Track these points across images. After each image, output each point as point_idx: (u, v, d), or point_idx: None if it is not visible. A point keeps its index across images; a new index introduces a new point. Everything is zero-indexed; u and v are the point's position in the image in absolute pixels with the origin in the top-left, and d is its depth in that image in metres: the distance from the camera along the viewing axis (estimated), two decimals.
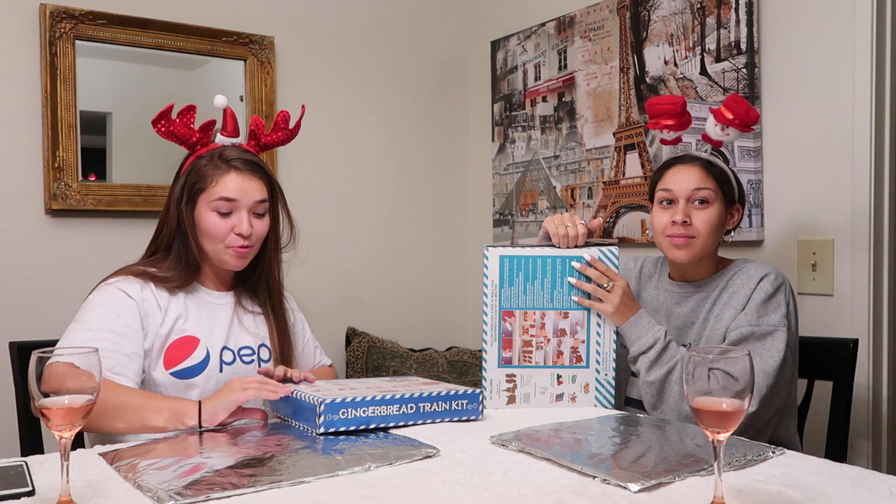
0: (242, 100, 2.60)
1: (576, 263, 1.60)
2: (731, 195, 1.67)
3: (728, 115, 1.65)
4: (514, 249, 1.60)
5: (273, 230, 1.60)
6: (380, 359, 2.70)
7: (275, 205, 1.59)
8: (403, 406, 1.39)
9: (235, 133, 1.58)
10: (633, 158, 2.45)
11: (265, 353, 1.61)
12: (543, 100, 2.78)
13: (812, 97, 1.98)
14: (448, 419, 1.43)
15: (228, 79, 2.60)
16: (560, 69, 2.71)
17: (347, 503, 0.99)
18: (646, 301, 1.79)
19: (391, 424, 1.37)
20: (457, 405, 1.44)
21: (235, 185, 1.50)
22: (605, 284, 1.58)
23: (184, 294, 1.54)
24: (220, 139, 1.57)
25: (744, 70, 2.09)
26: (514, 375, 1.60)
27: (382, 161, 2.94)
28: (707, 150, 1.72)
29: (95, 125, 2.38)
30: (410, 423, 1.39)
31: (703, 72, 2.20)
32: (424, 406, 1.40)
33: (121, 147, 2.41)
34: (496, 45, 2.99)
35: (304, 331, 1.75)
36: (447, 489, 1.05)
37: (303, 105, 1.74)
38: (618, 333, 1.61)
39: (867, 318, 1.88)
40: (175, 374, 1.49)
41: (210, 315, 1.56)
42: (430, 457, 1.20)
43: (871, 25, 1.85)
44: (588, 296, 1.59)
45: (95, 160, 2.37)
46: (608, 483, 1.06)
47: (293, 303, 1.75)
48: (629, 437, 1.32)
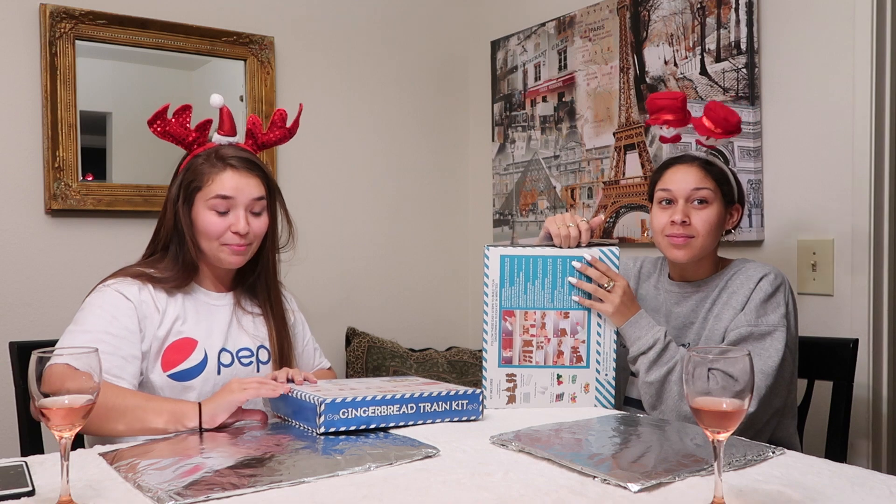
0: (242, 100, 2.60)
1: (576, 263, 1.60)
2: (731, 195, 1.67)
3: (709, 125, 1.66)
4: (515, 249, 1.60)
5: (271, 229, 1.59)
6: (380, 359, 2.70)
7: (272, 204, 1.58)
8: (404, 406, 1.38)
9: (232, 132, 1.58)
10: (633, 158, 2.45)
11: (264, 355, 1.61)
12: (543, 100, 2.78)
13: (812, 97, 1.98)
14: (448, 419, 1.43)
15: (228, 79, 2.60)
16: (560, 69, 2.71)
17: (347, 503, 1.00)
18: (645, 301, 1.79)
19: (391, 424, 1.37)
20: (457, 405, 1.43)
21: (232, 183, 1.50)
22: (606, 284, 1.58)
23: (182, 295, 1.53)
24: (217, 138, 1.57)
25: (744, 70, 2.09)
26: (515, 375, 1.60)
27: (382, 161, 2.94)
28: (706, 151, 1.72)
29: (95, 125, 2.38)
30: (410, 424, 1.39)
31: (703, 72, 2.20)
32: (424, 406, 1.40)
33: (121, 147, 2.41)
34: (496, 45, 2.99)
35: (304, 332, 1.75)
36: (447, 489, 1.05)
37: (300, 104, 1.73)
38: (618, 333, 1.61)
39: (867, 318, 1.88)
40: (172, 377, 1.48)
41: (209, 316, 1.55)
42: (430, 457, 1.20)
43: (871, 25, 1.86)
44: (589, 296, 1.59)
45: (95, 160, 2.37)
46: (608, 483, 1.06)
47: (293, 303, 1.74)
48: (629, 437, 1.32)
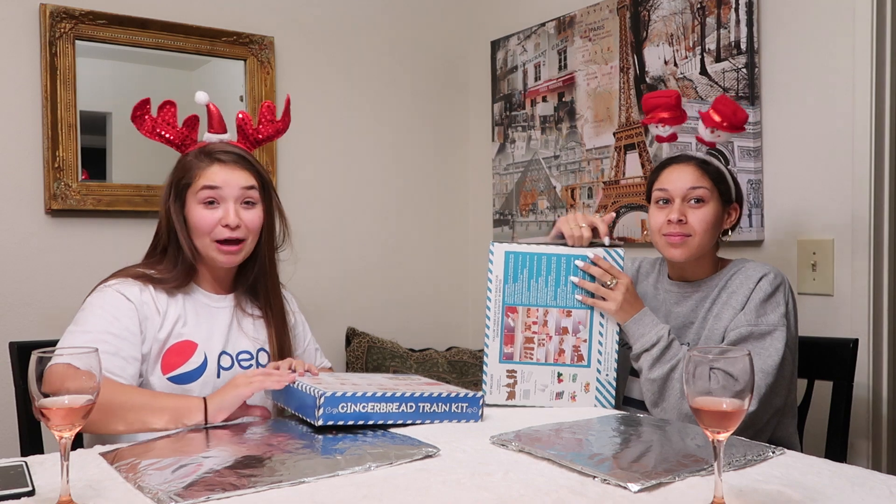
0: (242, 100, 2.60)
1: (579, 262, 1.60)
2: (728, 194, 1.67)
3: (716, 118, 1.66)
4: (520, 246, 1.61)
5: (267, 226, 1.57)
6: (380, 359, 2.70)
7: (267, 199, 1.56)
8: (403, 405, 1.38)
9: (221, 129, 1.57)
10: (633, 158, 2.45)
11: (263, 358, 1.60)
12: (543, 100, 2.78)
13: (812, 97, 1.98)
14: (447, 421, 1.42)
15: (228, 79, 2.60)
16: (560, 69, 2.71)
17: (347, 503, 1.00)
18: (644, 301, 1.79)
19: (389, 422, 1.37)
20: (457, 408, 1.43)
21: (219, 175, 1.49)
22: (609, 282, 1.58)
23: (182, 296, 1.53)
24: (208, 137, 1.57)
25: (744, 70, 2.09)
26: (515, 371, 1.60)
27: (382, 161, 2.94)
28: (704, 150, 1.72)
29: (95, 125, 2.38)
30: (409, 423, 1.39)
31: (703, 72, 2.20)
32: (424, 406, 1.40)
33: (121, 147, 2.41)
34: (496, 45, 2.99)
35: (305, 333, 1.75)
36: (447, 489, 1.05)
37: (287, 95, 1.72)
38: (620, 333, 1.61)
39: (867, 318, 1.88)
40: (172, 380, 1.48)
41: (209, 319, 1.55)
42: (430, 456, 1.20)
43: (871, 25, 1.85)
44: (592, 294, 1.60)
45: (95, 160, 2.37)
46: (608, 483, 1.06)
47: (294, 304, 1.73)
48: (629, 437, 1.32)
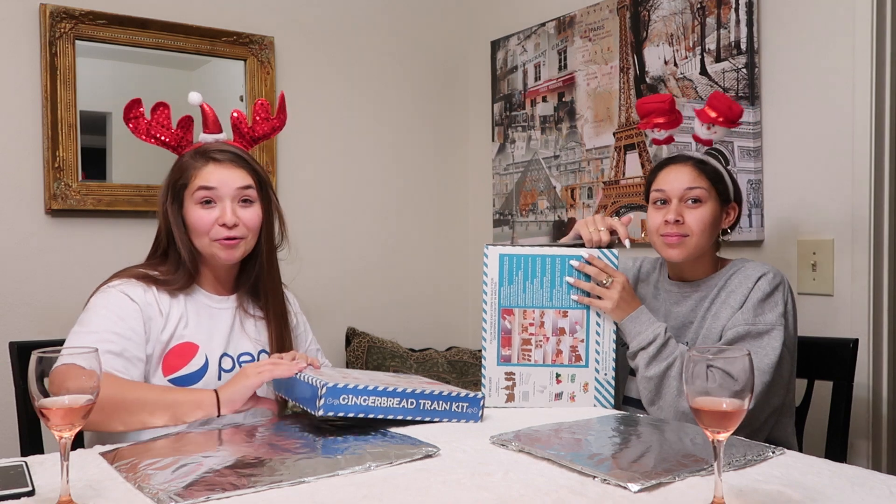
0: (242, 100, 2.60)
1: (574, 262, 1.60)
2: (726, 194, 1.67)
3: (711, 114, 1.67)
4: (514, 248, 1.61)
5: (266, 225, 1.57)
6: (380, 359, 2.70)
7: (265, 197, 1.56)
8: (404, 400, 1.39)
9: (217, 129, 1.57)
10: (633, 158, 2.45)
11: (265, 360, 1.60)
12: (543, 100, 2.78)
13: (812, 97, 1.98)
14: (447, 419, 1.43)
15: (228, 79, 2.60)
16: (560, 69, 2.71)
17: (347, 503, 1.00)
18: (643, 301, 1.79)
19: (390, 417, 1.37)
20: (457, 407, 1.44)
21: (214, 175, 1.49)
22: (605, 281, 1.58)
23: (184, 297, 1.53)
24: (203, 137, 1.56)
25: (744, 70, 2.09)
26: (514, 373, 1.60)
27: (382, 161, 2.94)
28: (703, 150, 1.72)
29: (95, 125, 2.38)
30: (409, 419, 1.39)
31: (703, 72, 2.20)
32: (425, 403, 1.41)
33: (121, 147, 2.41)
34: (496, 45, 2.99)
35: (307, 334, 1.74)
36: (447, 489, 1.05)
37: (281, 92, 1.72)
38: (617, 332, 1.61)
39: (867, 318, 1.88)
40: (173, 382, 1.48)
41: (210, 320, 1.54)
42: (431, 456, 1.20)
43: (871, 25, 1.85)
44: (588, 294, 1.60)
45: (95, 160, 2.37)
46: (608, 483, 1.06)
47: (296, 305, 1.73)
48: (629, 437, 1.32)
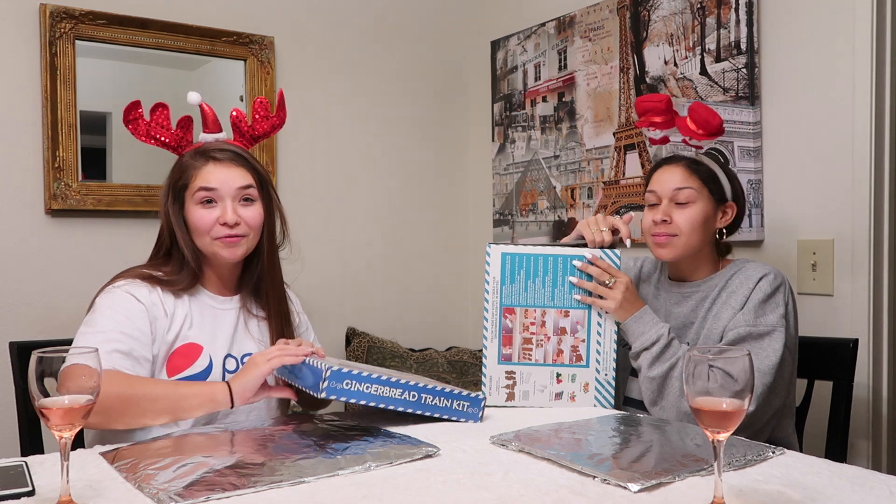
0: (242, 100, 2.60)
1: (577, 262, 1.60)
2: (720, 193, 1.67)
3: (692, 127, 1.69)
4: (517, 247, 1.62)
5: (268, 224, 1.56)
6: (380, 359, 2.70)
7: (266, 195, 1.56)
8: (406, 392, 1.39)
9: (216, 129, 1.57)
10: (633, 158, 2.45)
11: None
12: (543, 100, 2.78)
13: (812, 97, 1.98)
14: (447, 417, 1.43)
15: (228, 79, 2.60)
16: (560, 69, 2.71)
17: (347, 503, 1.00)
18: (645, 301, 1.79)
19: (390, 407, 1.38)
20: (458, 405, 1.44)
21: (214, 175, 1.49)
22: (607, 281, 1.58)
23: (188, 297, 1.52)
24: (203, 137, 1.56)
25: (744, 70, 2.09)
26: (514, 372, 1.61)
27: (382, 161, 2.94)
28: (704, 149, 1.72)
29: (95, 125, 2.38)
30: (409, 412, 1.40)
31: (703, 72, 2.20)
32: (426, 398, 1.41)
33: (121, 147, 2.41)
34: (496, 45, 2.99)
35: (308, 333, 1.74)
36: (447, 489, 1.05)
37: (280, 89, 1.72)
38: (618, 333, 1.61)
39: (867, 318, 1.88)
40: None
41: (213, 321, 1.54)
42: (431, 456, 1.20)
43: (871, 25, 1.85)
44: (591, 294, 1.60)
45: (95, 160, 2.37)
46: (608, 483, 1.06)
47: (297, 304, 1.73)
48: (629, 437, 1.32)
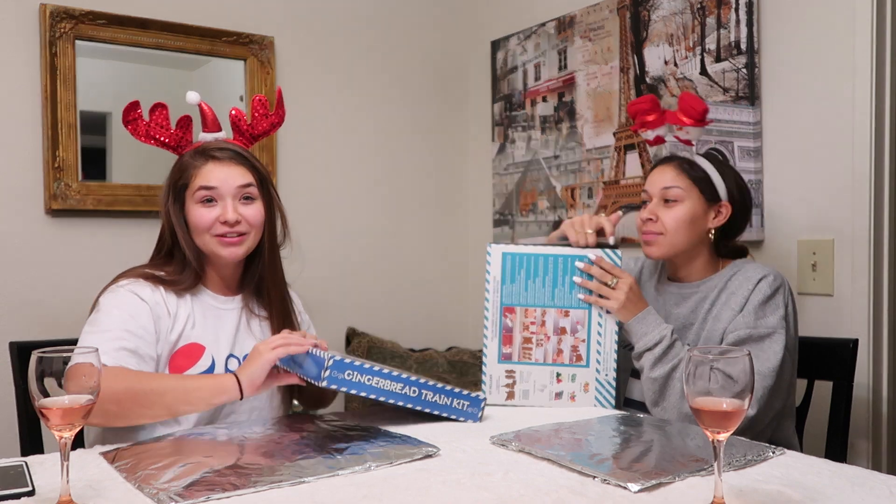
0: (242, 100, 2.60)
1: (580, 263, 1.61)
2: (712, 193, 1.67)
3: (679, 115, 1.71)
4: (517, 247, 1.62)
5: (269, 222, 1.56)
6: (380, 359, 2.70)
7: (266, 194, 1.55)
8: (407, 387, 1.40)
9: (216, 128, 1.57)
10: (633, 158, 2.45)
11: None
12: (543, 100, 2.78)
13: (812, 98, 1.98)
14: (446, 414, 1.44)
15: (228, 79, 2.60)
16: (560, 69, 2.71)
17: (347, 503, 1.00)
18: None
19: (390, 401, 1.38)
20: (458, 404, 1.44)
21: (214, 174, 1.49)
22: (610, 282, 1.58)
23: (190, 297, 1.52)
24: (203, 136, 1.56)
25: (744, 70, 2.09)
26: (514, 371, 1.61)
27: (382, 161, 2.93)
28: (703, 150, 1.73)
29: (95, 125, 2.38)
30: (409, 407, 1.40)
31: (704, 72, 2.20)
32: (427, 394, 1.41)
33: (121, 147, 2.41)
34: (496, 45, 2.99)
35: (310, 333, 1.74)
36: (447, 489, 1.05)
37: (278, 87, 1.72)
38: (619, 333, 1.61)
39: (867, 318, 1.88)
40: None
41: (216, 321, 1.54)
42: (431, 456, 1.20)
43: (871, 25, 1.85)
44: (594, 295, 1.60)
45: (95, 160, 2.37)
46: (608, 483, 1.06)
47: (299, 304, 1.73)
48: (629, 438, 1.32)
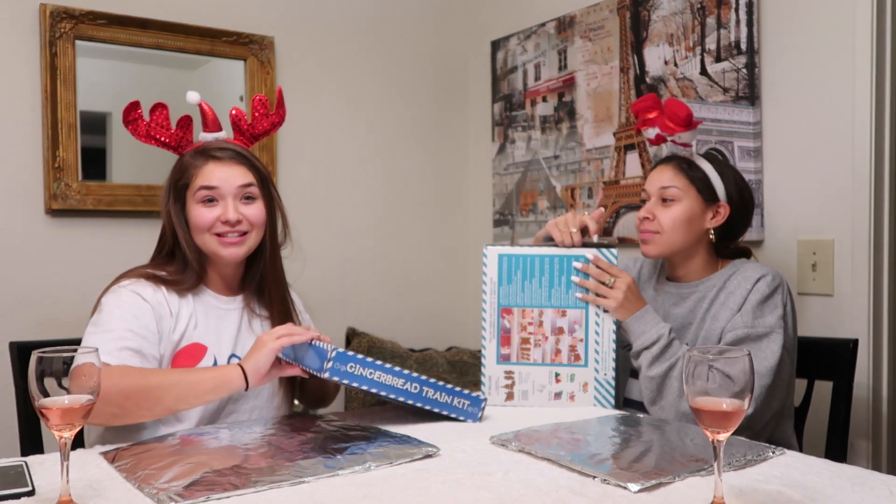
0: (242, 100, 2.60)
1: (577, 263, 1.61)
2: (710, 193, 1.67)
3: (668, 123, 1.70)
4: (513, 248, 1.63)
5: (270, 221, 1.56)
6: (380, 359, 2.69)
7: (267, 193, 1.55)
8: (409, 383, 1.40)
9: (216, 128, 1.57)
10: (633, 158, 2.45)
11: None
12: (543, 100, 2.78)
13: (812, 97, 1.98)
14: (446, 413, 1.44)
15: (228, 79, 2.60)
16: (560, 69, 2.71)
17: (347, 503, 1.00)
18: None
19: (391, 396, 1.39)
20: (458, 403, 1.44)
21: (215, 174, 1.49)
22: (608, 281, 1.59)
23: (192, 297, 1.52)
24: (203, 136, 1.56)
25: (744, 70, 2.09)
26: (513, 372, 1.61)
27: (382, 161, 2.93)
28: (703, 149, 1.73)
29: (95, 125, 2.38)
30: (409, 403, 1.40)
31: (704, 72, 2.20)
32: (428, 391, 1.42)
33: (121, 147, 2.41)
34: (496, 45, 2.99)
35: None
36: (447, 489, 1.05)
37: (279, 87, 1.72)
38: (617, 333, 1.61)
39: (867, 318, 1.88)
40: None
41: (217, 321, 1.54)
42: (431, 456, 1.20)
43: (871, 25, 1.85)
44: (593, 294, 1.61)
45: (95, 160, 2.37)
46: (608, 483, 1.06)
47: (299, 304, 1.73)
48: (629, 437, 1.32)
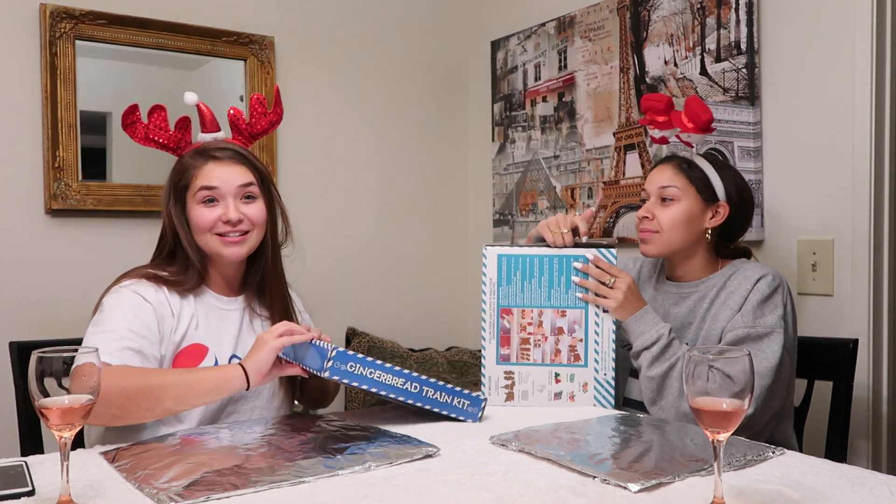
0: (242, 100, 2.60)
1: (577, 263, 1.61)
2: (709, 193, 1.67)
3: (685, 121, 1.70)
4: (513, 249, 1.63)
5: (270, 221, 1.56)
6: (379, 358, 2.69)
7: (267, 193, 1.55)
8: (409, 383, 1.40)
9: (214, 128, 1.57)
10: (633, 158, 2.45)
11: None
12: (543, 100, 2.78)
13: (812, 97, 1.98)
14: (446, 412, 1.44)
15: (228, 79, 2.59)
16: (560, 69, 2.71)
17: (347, 503, 1.00)
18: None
19: (391, 395, 1.39)
20: (458, 402, 1.44)
21: (215, 174, 1.49)
22: (608, 281, 1.59)
23: (193, 298, 1.52)
24: (202, 137, 1.56)
25: (744, 70, 2.09)
26: (513, 372, 1.61)
27: (382, 161, 2.93)
28: (703, 149, 1.73)
29: (95, 125, 2.38)
30: (409, 402, 1.40)
31: (704, 72, 2.20)
32: (428, 391, 1.42)
33: (121, 147, 2.41)
34: (496, 45, 2.99)
35: None
36: (447, 489, 1.05)
37: (276, 86, 1.72)
38: (617, 333, 1.61)
39: (867, 318, 1.88)
40: None
41: (219, 322, 1.54)
42: (431, 456, 1.20)
43: (871, 25, 1.85)
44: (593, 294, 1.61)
45: (95, 160, 2.37)
46: (608, 483, 1.06)
47: (299, 304, 1.73)
48: (629, 437, 1.32)
